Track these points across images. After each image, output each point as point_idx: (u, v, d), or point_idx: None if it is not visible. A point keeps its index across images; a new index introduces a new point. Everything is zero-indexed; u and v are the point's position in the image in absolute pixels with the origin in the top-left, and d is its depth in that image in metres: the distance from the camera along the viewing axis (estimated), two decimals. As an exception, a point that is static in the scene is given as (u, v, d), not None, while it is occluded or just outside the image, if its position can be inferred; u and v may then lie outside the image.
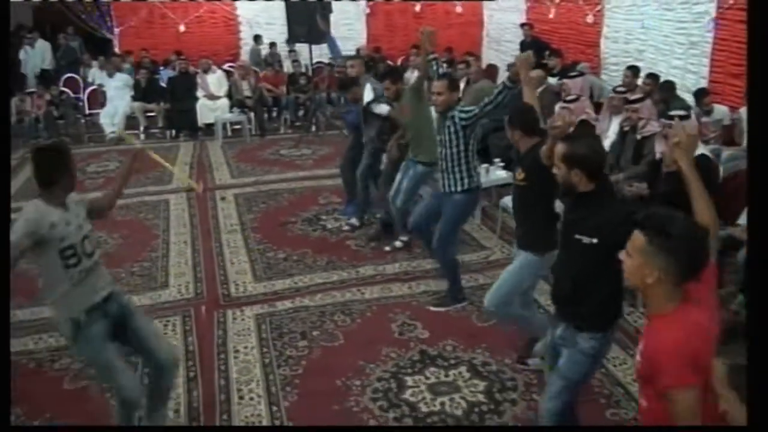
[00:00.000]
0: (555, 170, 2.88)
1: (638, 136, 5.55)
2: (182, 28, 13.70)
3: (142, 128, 10.98)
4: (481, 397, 3.83)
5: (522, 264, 3.81)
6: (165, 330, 4.72)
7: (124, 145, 10.27)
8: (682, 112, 5.07)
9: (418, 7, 14.42)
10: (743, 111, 6.65)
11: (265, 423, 3.70)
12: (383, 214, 6.29)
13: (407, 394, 3.90)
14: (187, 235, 6.58)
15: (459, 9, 14.45)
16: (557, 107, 6.70)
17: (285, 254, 6.03)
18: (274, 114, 11.67)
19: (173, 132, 10.91)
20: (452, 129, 4.63)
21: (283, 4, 12.34)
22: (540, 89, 7.50)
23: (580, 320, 2.89)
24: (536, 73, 7.76)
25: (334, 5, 12.27)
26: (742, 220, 4.67)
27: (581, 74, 7.30)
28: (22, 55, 12.87)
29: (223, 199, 7.63)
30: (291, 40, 11.09)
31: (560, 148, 2.85)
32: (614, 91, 6.31)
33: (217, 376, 4.17)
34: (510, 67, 9.69)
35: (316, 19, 9.33)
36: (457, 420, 3.66)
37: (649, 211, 2.13)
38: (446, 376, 4.08)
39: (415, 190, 5.72)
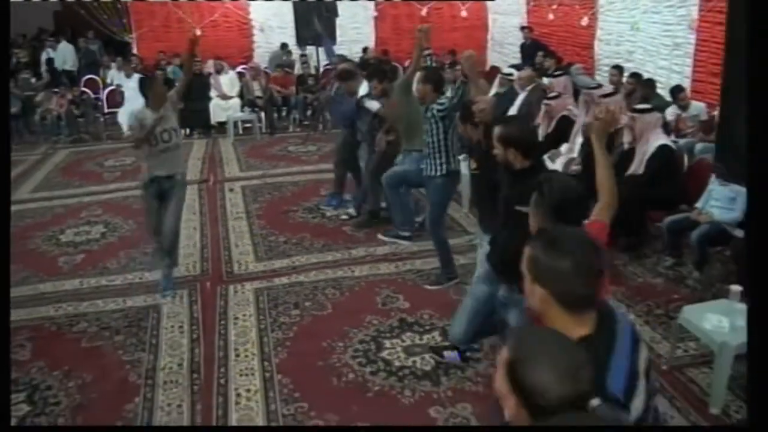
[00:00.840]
0: (495, 151, 3.35)
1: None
2: (198, 31, 14.24)
3: (158, 126, 11.53)
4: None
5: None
6: (173, 301, 5.26)
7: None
8: (643, 106, 5.53)
9: (424, 11, 14.90)
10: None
11: (257, 375, 4.20)
12: (370, 203, 6.77)
13: (384, 354, 4.40)
14: (197, 222, 7.12)
15: (464, 13, 14.92)
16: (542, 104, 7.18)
17: (285, 238, 6.54)
18: (284, 113, 12.20)
19: (187, 130, 11.44)
20: (432, 119, 5.12)
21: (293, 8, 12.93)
22: (529, 87, 8.00)
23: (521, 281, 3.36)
24: (526, 72, 8.31)
25: (344, 9, 12.85)
26: (699, 204, 5.11)
27: (565, 73, 7.75)
28: (44, 56, 13.52)
29: (231, 190, 8.17)
30: (299, 42, 11.63)
31: (496, 131, 3.32)
32: (585, 88, 6.77)
33: (217, 337, 4.69)
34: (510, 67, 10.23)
35: (324, 21, 9.86)
36: (425, 373, 4.15)
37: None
38: (420, 339, 4.57)
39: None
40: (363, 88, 6.82)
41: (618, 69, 8.49)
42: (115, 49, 14.55)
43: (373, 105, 6.46)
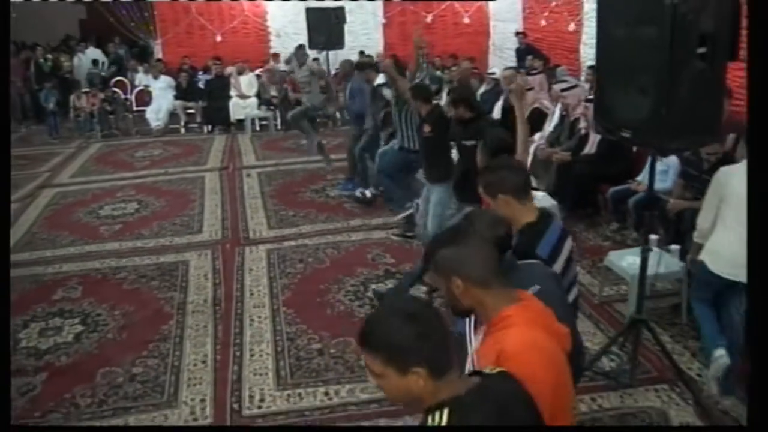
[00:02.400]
0: (449, 112, 4.52)
1: (572, 118, 6.98)
2: (218, 38, 15.36)
3: (182, 123, 12.64)
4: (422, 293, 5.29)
5: (439, 197, 5.39)
6: (198, 257, 6.29)
7: (169, 136, 12.04)
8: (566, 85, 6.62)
9: (429, 18, 15.91)
10: None
11: (267, 307, 5.21)
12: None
13: (370, 293, 5.39)
14: (218, 200, 8.16)
15: (467, 20, 15.93)
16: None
17: (294, 212, 7.56)
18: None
19: (209, 126, 12.55)
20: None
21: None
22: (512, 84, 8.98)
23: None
24: (508, 72, 9.29)
25: (354, 16, 13.86)
26: (640, 177, 6.05)
27: (540, 72, 8.72)
28: (75, 61, 14.68)
29: (248, 175, 9.21)
30: (311, 47, 12.63)
31: (450, 97, 4.50)
32: (552, 84, 7.74)
33: (235, 283, 5.71)
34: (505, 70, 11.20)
35: (333, 27, 10.93)
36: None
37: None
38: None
39: None
40: (379, 78, 7.83)
41: (593, 68, 9.43)
42: (141, 54, 15.70)
43: (388, 93, 7.40)
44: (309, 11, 11.77)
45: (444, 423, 1.53)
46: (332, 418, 3.85)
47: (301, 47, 14.26)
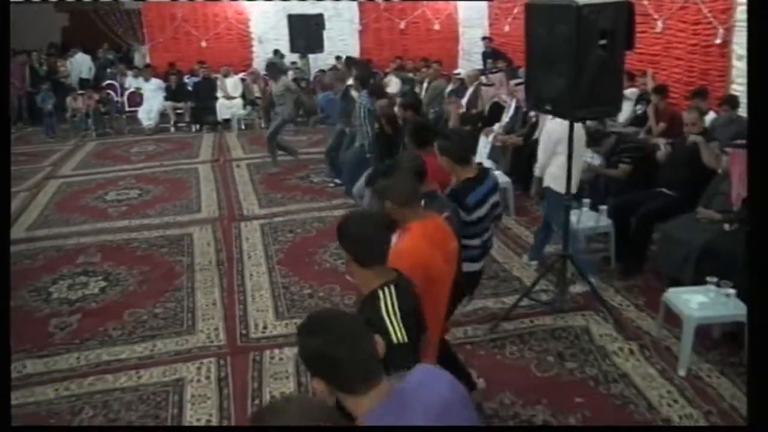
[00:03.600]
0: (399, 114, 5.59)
1: (524, 109, 8.03)
2: (203, 43, 16.26)
3: (172, 122, 13.53)
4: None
5: None
6: (200, 230, 7.23)
7: (160, 134, 12.92)
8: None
9: (402, 25, 16.96)
10: (629, 92, 9.01)
11: (263, 266, 6.16)
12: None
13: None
14: (212, 186, 9.09)
15: (437, 26, 16.99)
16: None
17: (281, 195, 8.52)
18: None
19: (197, 125, 13.44)
20: None
21: (287, 24, 14.99)
22: (475, 83, 10.05)
23: None
24: (472, 72, 10.37)
25: (332, 23, 14.84)
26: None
27: (500, 71, 9.78)
28: (68, 65, 15.53)
29: (238, 166, 10.14)
30: (293, 50, 13.60)
31: (399, 102, 5.64)
32: (510, 80, 8.79)
33: (234, 248, 6.66)
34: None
35: (313, 32, 11.91)
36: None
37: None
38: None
39: None
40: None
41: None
42: (129, 59, 16.57)
43: (356, 95, 8.32)
44: (291, 18, 12.77)
45: (393, 294, 2.32)
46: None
47: (276, 52, 15.31)
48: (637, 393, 4.04)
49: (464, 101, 9.91)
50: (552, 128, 5.22)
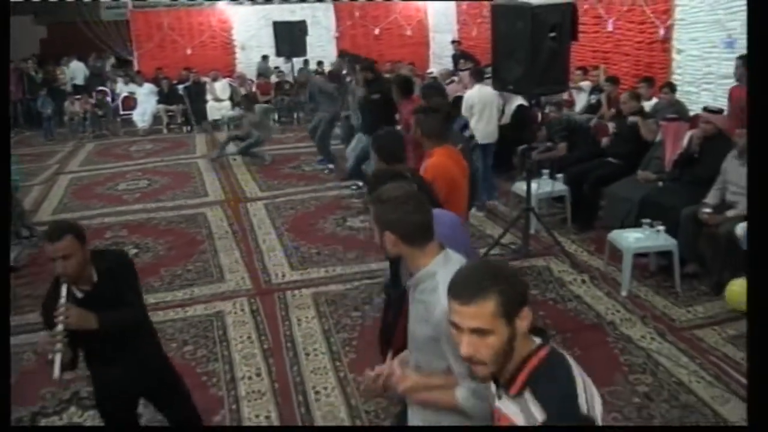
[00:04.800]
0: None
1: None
2: (189, 51, 17.18)
3: (165, 123, 14.44)
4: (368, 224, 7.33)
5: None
6: (212, 210, 8.21)
7: (154, 135, 13.83)
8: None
9: (377, 31, 18.07)
10: (584, 84, 10.14)
11: (273, 234, 7.17)
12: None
13: (348, 223, 7.40)
14: (214, 176, 10.07)
15: (409, 32, 18.14)
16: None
17: (278, 181, 9.53)
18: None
19: (189, 127, 14.38)
20: None
21: (268, 31, 16.04)
22: (447, 80, 11.16)
23: None
24: (444, 71, 11.45)
25: (311, 31, 15.86)
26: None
27: (468, 69, 10.90)
28: (66, 72, 16.39)
29: (234, 159, 11.11)
30: (278, 55, 14.63)
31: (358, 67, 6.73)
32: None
33: (245, 221, 7.66)
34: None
35: (297, 38, 12.96)
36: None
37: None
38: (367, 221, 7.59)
39: None
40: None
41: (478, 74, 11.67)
42: (120, 66, 17.47)
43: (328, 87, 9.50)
44: (276, 24, 13.82)
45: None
46: (327, 281, 5.85)
47: (264, 58, 16.34)
48: (588, 308, 5.15)
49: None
50: (468, 95, 7.16)
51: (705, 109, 6.02)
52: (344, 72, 10.22)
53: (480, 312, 1.61)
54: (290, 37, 13.52)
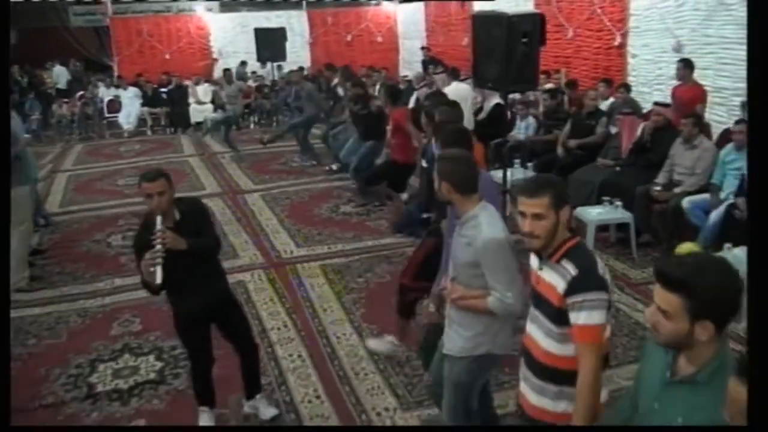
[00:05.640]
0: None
1: (466, 99, 10.04)
2: (167, 56, 17.81)
3: (149, 125, 15.06)
4: (359, 210, 8.12)
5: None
6: (212, 202, 8.93)
7: (140, 137, 14.45)
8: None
9: (349, 38, 18.92)
10: (548, 87, 11.07)
11: (274, 219, 7.93)
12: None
13: (343, 209, 8.21)
14: (207, 172, 10.78)
15: (380, 39, 19.03)
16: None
17: (269, 176, 10.29)
18: (246, 114, 15.84)
19: (173, 128, 15.02)
20: None
21: (244, 37, 16.82)
22: (422, 83, 12.03)
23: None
24: (420, 74, 12.32)
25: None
26: (513, 132, 9.12)
27: (443, 72, 11.79)
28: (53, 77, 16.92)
29: (223, 158, 11.83)
30: (259, 60, 15.37)
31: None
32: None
33: (246, 209, 8.41)
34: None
35: (278, 44, 13.73)
36: (357, 213, 7.98)
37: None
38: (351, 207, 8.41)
39: None
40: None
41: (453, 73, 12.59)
42: (100, 71, 18.01)
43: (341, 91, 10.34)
44: (257, 31, 14.57)
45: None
46: (331, 255, 6.64)
47: (243, 63, 17.08)
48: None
49: (413, 98, 11.88)
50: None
51: (656, 103, 7.00)
52: (334, 83, 11.04)
53: (539, 203, 2.38)
54: (271, 43, 14.28)
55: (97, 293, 6.09)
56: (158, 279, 3.33)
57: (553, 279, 2.41)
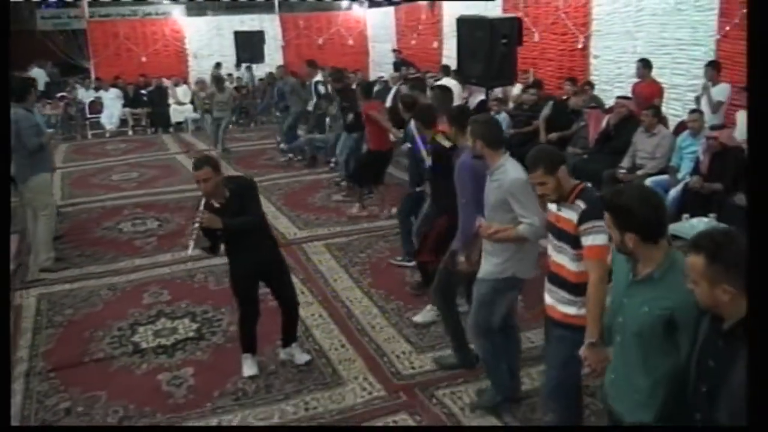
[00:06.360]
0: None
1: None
2: (144, 58, 18.21)
3: (130, 126, 15.50)
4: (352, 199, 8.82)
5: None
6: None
7: (122, 137, 14.89)
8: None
9: (320, 41, 19.57)
10: (516, 88, 11.90)
11: (273, 207, 8.56)
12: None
13: (335, 198, 8.87)
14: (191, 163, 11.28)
15: (351, 42, 19.73)
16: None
17: (257, 171, 10.87)
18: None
19: (154, 129, 15.49)
20: None
21: (218, 40, 17.38)
22: (398, 84, 12.78)
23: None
24: (395, 75, 13.07)
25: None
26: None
27: (417, 73, 12.58)
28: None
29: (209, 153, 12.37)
30: (239, 62, 15.96)
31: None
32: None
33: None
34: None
35: (256, 46, 14.35)
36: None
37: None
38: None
39: None
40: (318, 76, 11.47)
41: (445, 70, 13.37)
42: (76, 73, 18.37)
43: (322, 89, 10.97)
44: (237, 34, 15.20)
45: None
46: (332, 236, 7.31)
47: (218, 65, 17.60)
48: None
49: (389, 98, 12.61)
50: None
51: (619, 97, 7.85)
52: (316, 80, 11.71)
53: (537, 175, 3.16)
54: (250, 46, 14.90)
55: (121, 271, 6.66)
56: (189, 250, 4.04)
57: (570, 215, 3.14)
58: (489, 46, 6.92)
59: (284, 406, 4.20)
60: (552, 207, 3.30)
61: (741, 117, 6.85)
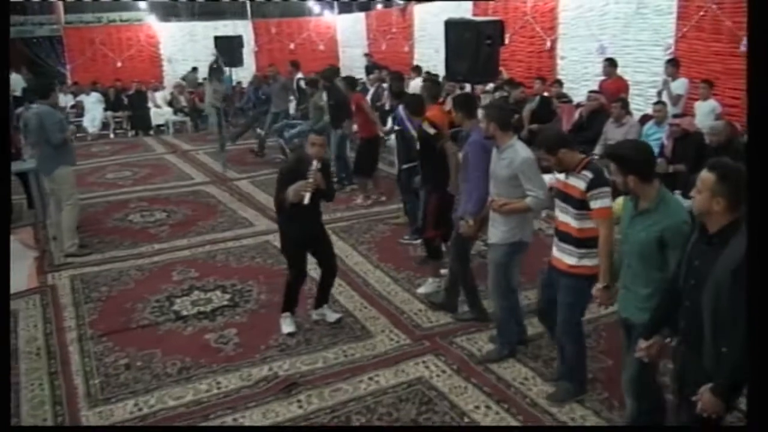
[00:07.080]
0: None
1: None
2: (119, 63, 18.60)
3: (112, 129, 15.88)
4: (346, 190, 9.48)
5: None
6: (209, 187, 10.05)
7: (104, 140, 15.27)
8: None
9: (292, 46, 20.19)
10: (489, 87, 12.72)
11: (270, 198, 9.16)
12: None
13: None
14: (188, 166, 11.85)
15: (322, 47, 20.40)
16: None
17: (247, 167, 11.46)
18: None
19: (135, 131, 15.90)
20: None
21: (192, 45, 17.86)
22: (376, 84, 13.50)
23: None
24: (374, 76, 13.77)
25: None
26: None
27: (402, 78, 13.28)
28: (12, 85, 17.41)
29: (197, 154, 12.89)
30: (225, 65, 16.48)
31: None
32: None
33: (242, 192, 9.59)
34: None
35: (236, 51, 14.90)
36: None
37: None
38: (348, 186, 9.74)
39: None
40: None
41: (417, 70, 14.09)
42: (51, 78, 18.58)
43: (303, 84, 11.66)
44: (217, 39, 15.66)
45: None
46: (335, 221, 7.96)
47: (194, 69, 18.09)
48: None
49: (368, 97, 13.32)
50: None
51: (590, 92, 8.71)
52: (297, 77, 12.39)
53: (539, 153, 3.93)
54: (230, 50, 15.40)
55: (143, 255, 7.21)
56: (306, 200, 4.72)
57: (577, 183, 3.83)
58: (475, 47, 7.64)
59: (326, 353, 4.87)
60: (561, 176, 4.03)
61: (699, 107, 7.75)
